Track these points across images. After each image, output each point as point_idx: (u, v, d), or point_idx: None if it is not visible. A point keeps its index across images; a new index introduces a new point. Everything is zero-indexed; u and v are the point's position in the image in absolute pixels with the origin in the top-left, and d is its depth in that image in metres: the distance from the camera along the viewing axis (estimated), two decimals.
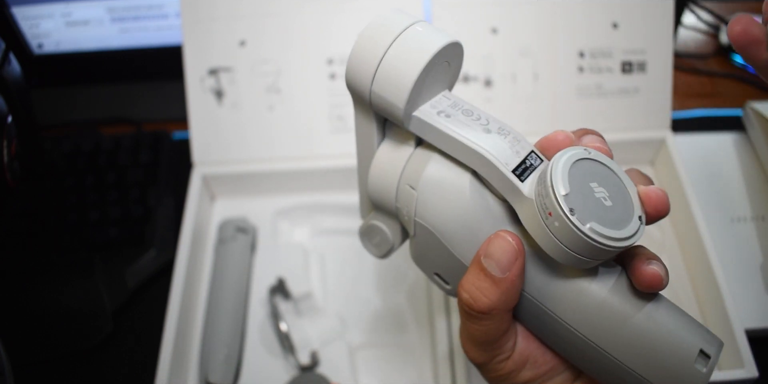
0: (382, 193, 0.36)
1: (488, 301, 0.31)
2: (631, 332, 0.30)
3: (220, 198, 0.65)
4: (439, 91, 0.34)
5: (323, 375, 0.52)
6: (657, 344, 0.30)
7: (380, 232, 0.38)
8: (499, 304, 0.31)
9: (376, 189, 0.36)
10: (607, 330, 0.30)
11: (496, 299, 0.31)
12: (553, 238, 0.29)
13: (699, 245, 0.53)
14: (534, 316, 0.33)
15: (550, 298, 0.32)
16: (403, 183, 0.34)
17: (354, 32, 0.60)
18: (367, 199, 0.39)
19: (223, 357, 0.52)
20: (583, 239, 0.28)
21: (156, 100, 0.74)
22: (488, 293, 0.31)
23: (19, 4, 0.66)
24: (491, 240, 0.31)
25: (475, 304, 0.31)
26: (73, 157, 0.65)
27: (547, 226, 0.29)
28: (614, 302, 0.30)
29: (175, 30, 0.68)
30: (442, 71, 0.33)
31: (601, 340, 0.31)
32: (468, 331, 0.33)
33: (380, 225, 0.38)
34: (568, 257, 0.29)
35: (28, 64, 0.70)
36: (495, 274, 0.31)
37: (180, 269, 0.54)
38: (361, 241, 0.41)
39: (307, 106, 0.61)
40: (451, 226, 0.32)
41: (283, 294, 0.57)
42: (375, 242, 0.40)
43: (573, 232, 0.28)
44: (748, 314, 0.52)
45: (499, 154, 0.31)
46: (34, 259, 0.60)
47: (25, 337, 0.55)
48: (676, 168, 0.58)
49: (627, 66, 0.60)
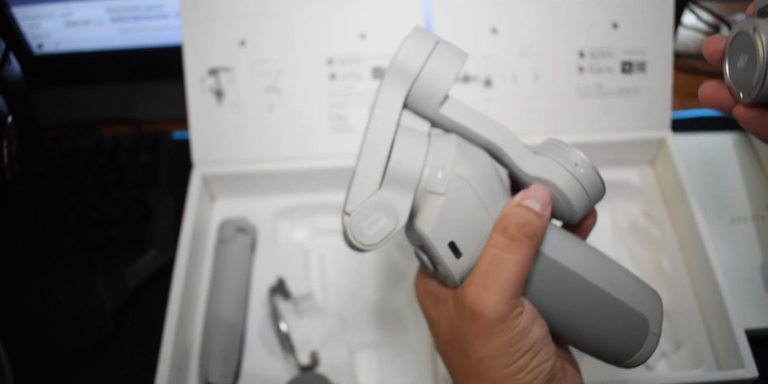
0: (411, 158, 0.37)
1: (536, 226, 0.36)
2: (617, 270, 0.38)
3: (220, 198, 0.65)
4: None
5: (323, 375, 0.52)
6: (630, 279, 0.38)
7: (387, 208, 0.37)
8: (541, 233, 0.36)
9: (402, 155, 0.37)
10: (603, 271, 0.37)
11: (540, 227, 0.36)
12: (578, 183, 0.37)
13: (699, 245, 0.53)
14: (543, 272, 0.37)
15: (561, 251, 0.37)
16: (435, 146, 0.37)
17: (354, 32, 0.60)
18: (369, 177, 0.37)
19: (223, 357, 0.52)
20: (599, 181, 0.38)
21: (156, 100, 0.74)
22: (534, 220, 0.36)
23: (19, 4, 0.66)
24: (530, 188, 0.37)
25: (528, 225, 0.35)
26: (73, 157, 0.65)
27: (574, 175, 0.37)
28: (595, 249, 0.39)
29: (175, 30, 0.68)
30: None
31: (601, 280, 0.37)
32: (505, 271, 0.35)
33: (388, 199, 0.37)
34: (582, 199, 0.37)
35: (28, 64, 0.70)
36: (537, 210, 0.36)
37: (180, 269, 0.54)
38: (349, 229, 0.37)
39: (307, 106, 0.61)
40: (485, 179, 0.37)
41: (283, 294, 0.57)
42: (375, 225, 0.37)
43: (594, 175, 0.37)
44: (748, 314, 0.52)
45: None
46: (34, 259, 0.60)
47: (25, 337, 0.55)
48: (676, 168, 0.58)
49: (627, 66, 0.60)
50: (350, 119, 0.61)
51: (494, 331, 0.34)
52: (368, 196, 0.37)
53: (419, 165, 0.37)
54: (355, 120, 0.61)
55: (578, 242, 0.39)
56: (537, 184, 0.38)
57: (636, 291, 0.38)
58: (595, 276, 0.37)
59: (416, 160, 0.37)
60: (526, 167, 0.38)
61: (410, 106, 0.38)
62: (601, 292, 0.37)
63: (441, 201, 0.36)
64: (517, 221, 0.35)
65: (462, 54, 0.38)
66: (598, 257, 0.38)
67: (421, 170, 0.37)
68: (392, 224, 0.37)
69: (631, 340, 0.37)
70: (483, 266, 0.35)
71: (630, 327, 0.37)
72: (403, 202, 0.37)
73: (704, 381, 0.47)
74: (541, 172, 0.38)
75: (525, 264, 0.35)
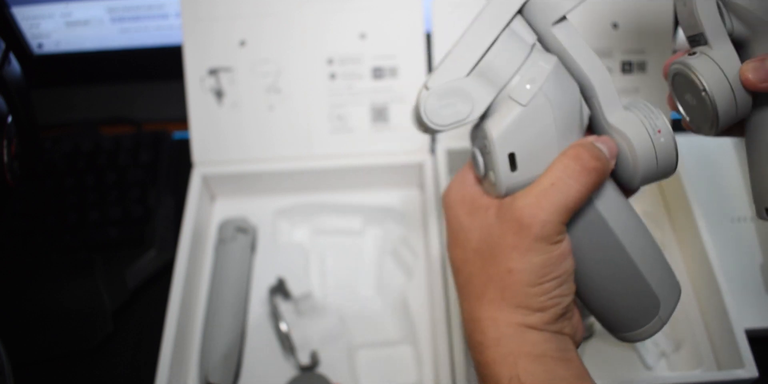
0: (507, 59, 0.37)
1: (606, 165, 0.36)
2: (651, 246, 0.38)
3: (220, 198, 0.65)
4: None
5: (323, 375, 0.52)
6: (661, 262, 0.38)
7: (466, 96, 0.37)
8: (605, 175, 0.37)
9: (501, 54, 0.36)
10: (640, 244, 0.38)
11: (607, 169, 0.37)
12: (653, 149, 0.36)
13: (699, 245, 0.53)
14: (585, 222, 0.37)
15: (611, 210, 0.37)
16: (534, 59, 0.37)
17: (354, 32, 0.60)
18: (461, 62, 0.37)
19: (223, 357, 0.52)
20: (674, 156, 0.37)
21: (156, 100, 0.74)
22: (604, 159, 0.36)
23: (19, 4, 0.66)
24: (601, 136, 0.37)
25: (600, 160, 0.36)
26: (73, 157, 0.65)
27: (653, 140, 0.36)
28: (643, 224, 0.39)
29: (175, 30, 0.68)
30: None
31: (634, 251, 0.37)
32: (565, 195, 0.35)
33: (471, 89, 0.37)
34: (650, 167, 0.37)
35: (28, 64, 0.70)
36: (606, 155, 0.37)
37: (180, 269, 0.54)
38: (423, 103, 0.37)
39: (307, 106, 0.61)
40: (567, 108, 0.37)
41: (283, 294, 0.57)
42: (449, 108, 0.37)
43: (672, 148, 0.37)
44: (748, 314, 0.52)
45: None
46: (34, 259, 0.60)
47: (25, 337, 0.55)
48: None
49: (627, 66, 0.60)
50: (350, 119, 0.61)
51: (535, 246, 0.35)
52: (454, 79, 0.37)
53: (513, 69, 0.36)
54: (355, 120, 0.61)
55: (631, 209, 0.38)
56: (610, 137, 0.38)
57: (661, 274, 0.38)
58: (632, 246, 0.37)
59: (512, 63, 0.36)
60: (610, 116, 0.38)
61: (525, 15, 0.37)
62: (629, 262, 0.37)
63: (518, 111, 0.36)
64: (591, 153, 0.36)
65: None
66: (641, 230, 0.38)
67: (512, 74, 0.36)
68: (465, 112, 0.37)
69: (638, 316, 0.38)
70: (544, 185, 0.35)
71: (641, 304, 0.38)
72: (484, 96, 0.37)
73: (704, 381, 0.47)
74: (622, 126, 0.37)
75: (584, 195, 0.36)
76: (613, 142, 0.37)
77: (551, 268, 0.35)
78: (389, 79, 0.60)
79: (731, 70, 0.36)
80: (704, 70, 0.37)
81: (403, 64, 0.60)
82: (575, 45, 0.37)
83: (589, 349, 0.53)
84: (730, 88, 0.36)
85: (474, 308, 0.37)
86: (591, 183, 0.36)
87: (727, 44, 0.37)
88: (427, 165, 0.60)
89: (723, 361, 0.50)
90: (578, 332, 0.38)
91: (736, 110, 0.37)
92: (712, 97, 0.36)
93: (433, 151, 0.61)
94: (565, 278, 0.36)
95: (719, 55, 0.37)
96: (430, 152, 0.61)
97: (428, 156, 0.61)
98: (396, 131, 0.61)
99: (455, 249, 0.40)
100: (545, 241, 0.35)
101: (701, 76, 0.37)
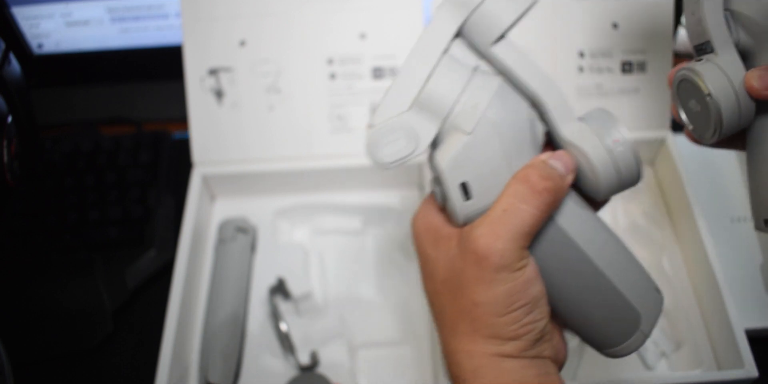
0: (447, 87, 0.36)
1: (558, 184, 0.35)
2: (626, 258, 0.37)
3: (220, 198, 0.65)
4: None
5: (323, 375, 0.52)
6: (638, 272, 0.37)
7: (409, 132, 0.36)
8: (560, 194, 0.35)
9: (441, 82, 0.36)
10: (612, 257, 0.37)
11: (561, 187, 0.35)
12: (610, 160, 0.35)
13: (699, 245, 0.53)
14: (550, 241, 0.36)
15: (575, 226, 0.36)
16: (475, 83, 0.36)
17: (354, 32, 0.60)
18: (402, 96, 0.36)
19: (223, 357, 0.52)
20: (634, 165, 0.36)
21: (156, 100, 0.74)
22: (556, 178, 0.35)
23: (19, 4, 0.66)
24: (558, 151, 0.37)
25: (550, 180, 0.35)
26: (72, 157, 0.65)
27: (610, 151, 0.35)
28: (614, 235, 0.38)
29: (175, 30, 0.68)
30: None
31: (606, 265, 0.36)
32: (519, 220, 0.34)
33: (413, 123, 0.36)
34: (611, 178, 0.36)
35: (28, 64, 0.70)
36: (560, 172, 0.36)
37: (180, 269, 0.54)
38: (368, 142, 0.36)
39: (307, 106, 0.61)
40: (515, 129, 0.36)
41: (283, 294, 0.57)
42: (393, 145, 0.36)
43: (630, 158, 0.35)
44: (748, 314, 0.52)
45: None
46: (34, 259, 0.60)
47: (25, 337, 0.55)
48: (676, 168, 0.58)
49: (627, 66, 0.60)
50: (350, 119, 0.61)
51: (497, 277, 0.34)
52: (396, 114, 0.36)
53: (453, 97, 0.36)
54: (355, 120, 0.61)
55: (597, 222, 0.38)
56: (565, 151, 0.37)
57: (639, 286, 0.37)
58: (603, 260, 0.36)
59: (452, 91, 0.36)
60: (564, 130, 0.37)
61: (465, 36, 0.37)
62: (602, 278, 0.36)
63: (464, 139, 0.35)
64: (540, 174, 0.35)
65: None
66: (612, 243, 0.37)
67: (454, 102, 0.36)
68: (410, 148, 0.36)
69: (618, 332, 0.37)
70: (497, 212, 0.35)
71: (620, 319, 0.37)
72: (428, 128, 0.36)
73: (704, 381, 0.47)
74: (576, 139, 0.36)
75: (539, 218, 0.35)
76: (569, 156, 0.36)
77: (518, 296, 0.34)
78: (389, 79, 0.60)
79: (736, 77, 0.37)
80: (710, 76, 0.37)
81: None
82: (518, 62, 0.37)
83: (589, 349, 0.53)
84: (734, 94, 0.37)
85: (449, 341, 0.36)
86: (545, 204, 0.35)
87: (732, 53, 0.38)
88: (427, 165, 0.60)
89: (723, 361, 0.50)
90: (560, 353, 0.38)
91: (739, 117, 0.37)
92: (717, 101, 0.37)
93: None
94: (534, 303, 0.35)
95: (725, 62, 0.37)
96: None
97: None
98: None
99: (426, 280, 0.39)
100: (506, 270, 0.34)
101: (707, 80, 0.37)
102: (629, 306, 0.37)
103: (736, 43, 0.38)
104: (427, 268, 0.39)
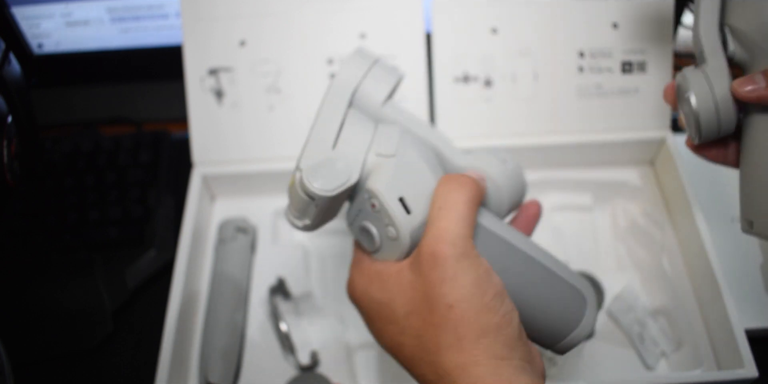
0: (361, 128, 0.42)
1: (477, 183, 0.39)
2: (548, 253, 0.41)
3: (220, 198, 0.65)
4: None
5: (323, 375, 0.52)
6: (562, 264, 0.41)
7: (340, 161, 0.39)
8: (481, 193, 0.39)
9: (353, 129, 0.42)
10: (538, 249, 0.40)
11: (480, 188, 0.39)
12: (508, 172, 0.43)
13: (699, 245, 0.53)
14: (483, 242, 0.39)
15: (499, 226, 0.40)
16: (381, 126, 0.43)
17: (354, 32, 0.60)
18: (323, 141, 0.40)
19: (223, 357, 0.52)
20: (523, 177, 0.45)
21: (156, 100, 0.74)
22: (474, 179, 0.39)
23: (19, 4, 0.66)
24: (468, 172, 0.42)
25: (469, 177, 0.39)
26: (72, 157, 0.65)
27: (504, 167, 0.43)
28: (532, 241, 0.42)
29: (175, 30, 0.68)
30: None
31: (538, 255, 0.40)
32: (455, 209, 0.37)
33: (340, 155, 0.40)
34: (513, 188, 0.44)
35: (28, 64, 0.70)
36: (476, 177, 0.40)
37: (180, 269, 0.54)
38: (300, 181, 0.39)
39: (307, 106, 0.61)
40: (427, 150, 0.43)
41: (283, 294, 0.57)
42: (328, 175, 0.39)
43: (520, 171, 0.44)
44: (748, 314, 0.52)
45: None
46: (34, 259, 0.60)
47: (25, 337, 0.55)
48: (676, 168, 0.58)
49: (627, 66, 0.60)
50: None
51: (459, 268, 0.35)
52: (323, 155, 0.40)
53: (369, 134, 0.41)
54: None
55: (511, 226, 0.42)
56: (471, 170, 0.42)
57: (569, 271, 0.40)
58: (533, 251, 0.40)
59: (366, 130, 0.42)
60: (459, 161, 0.44)
61: (356, 105, 0.43)
62: (538, 265, 0.39)
63: (392, 161, 0.39)
64: (460, 175, 0.39)
65: (396, 73, 0.44)
66: (530, 240, 0.41)
67: (372, 137, 0.41)
68: (345, 177, 0.39)
69: (571, 314, 0.39)
70: (434, 212, 0.37)
71: (570, 301, 0.39)
72: (356, 157, 0.40)
73: (704, 381, 0.47)
74: (474, 163, 0.43)
75: (471, 205, 0.37)
76: (475, 171, 0.42)
77: (486, 285, 0.35)
78: None
79: (719, 85, 0.40)
80: (695, 83, 0.40)
81: (403, 64, 0.60)
82: (406, 117, 0.44)
83: (589, 349, 0.53)
84: (713, 100, 0.40)
85: (436, 367, 0.35)
86: (472, 194, 0.37)
87: (721, 64, 0.40)
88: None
89: (723, 361, 0.50)
90: (539, 361, 0.38)
91: (718, 124, 0.41)
92: (697, 108, 0.40)
93: None
94: (502, 292, 0.36)
95: (712, 71, 0.40)
96: None
97: None
98: None
99: (384, 330, 0.39)
100: (465, 257, 0.35)
101: (691, 87, 0.40)
102: (572, 286, 0.39)
103: (732, 55, 0.41)
104: (384, 314, 0.39)
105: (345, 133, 0.41)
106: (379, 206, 0.38)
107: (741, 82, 0.39)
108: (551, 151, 0.61)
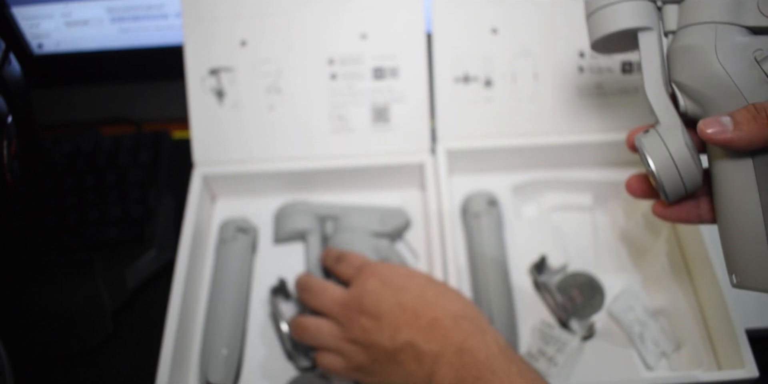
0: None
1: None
2: None
3: (221, 198, 0.65)
4: None
5: (323, 375, 0.52)
6: None
7: None
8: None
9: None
10: None
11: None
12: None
13: (699, 245, 0.53)
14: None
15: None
16: None
17: (354, 32, 0.60)
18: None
19: (224, 357, 0.52)
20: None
21: (156, 100, 0.74)
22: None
23: (19, 4, 0.66)
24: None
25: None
26: (72, 157, 0.65)
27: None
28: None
29: (175, 30, 0.68)
30: None
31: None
32: None
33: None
34: None
35: (28, 64, 0.70)
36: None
37: (180, 269, 0.54)
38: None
39: (308, 106, 0.61)
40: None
41: (284, 294, 0.57)
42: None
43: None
44: (748, 314, 0.52)
45: None
46: (34, 259, 0.60)
47: (25, 337, 0.55)
48: None
49: (627, 66, 0.60)
50: (351, 119, 0.61)
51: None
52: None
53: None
54: (356, 120, 0.61)
55: None
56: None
57: None
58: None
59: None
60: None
61: None
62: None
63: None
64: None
65: None
66: None
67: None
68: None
69: None
70: None
71: None
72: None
73: (704, 381, 0.47)
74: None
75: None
76: None
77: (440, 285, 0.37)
78: (390, 79, 0.60)
79: (676, 145, 0.39)
80: (650, 146, 0.40)
81: (404, 64, 0.60)
82: None
83: (589, 349, 0.53)
84: (672, 162, 0.39)
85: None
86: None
87: (674, 121, 0.40)
88: (428, 165, 0.60)
89: (723, 361, 0.50)
90: None
91: (682, 182, 0.40)
92: (657, 170, 0.40)
93: (433, 151, 0.61)
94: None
95: (665, 131, 0.40)
96: (431, 152, 0.61)
97: (429, 156, 0.61)
98: (396, 131, 0.61)
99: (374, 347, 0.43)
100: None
101: (647, 151, 0.40)
102: None
103: (685, 111, 0.40)
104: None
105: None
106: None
107: (707, 122, 0.37)
108: (551, 151, 0.61)
